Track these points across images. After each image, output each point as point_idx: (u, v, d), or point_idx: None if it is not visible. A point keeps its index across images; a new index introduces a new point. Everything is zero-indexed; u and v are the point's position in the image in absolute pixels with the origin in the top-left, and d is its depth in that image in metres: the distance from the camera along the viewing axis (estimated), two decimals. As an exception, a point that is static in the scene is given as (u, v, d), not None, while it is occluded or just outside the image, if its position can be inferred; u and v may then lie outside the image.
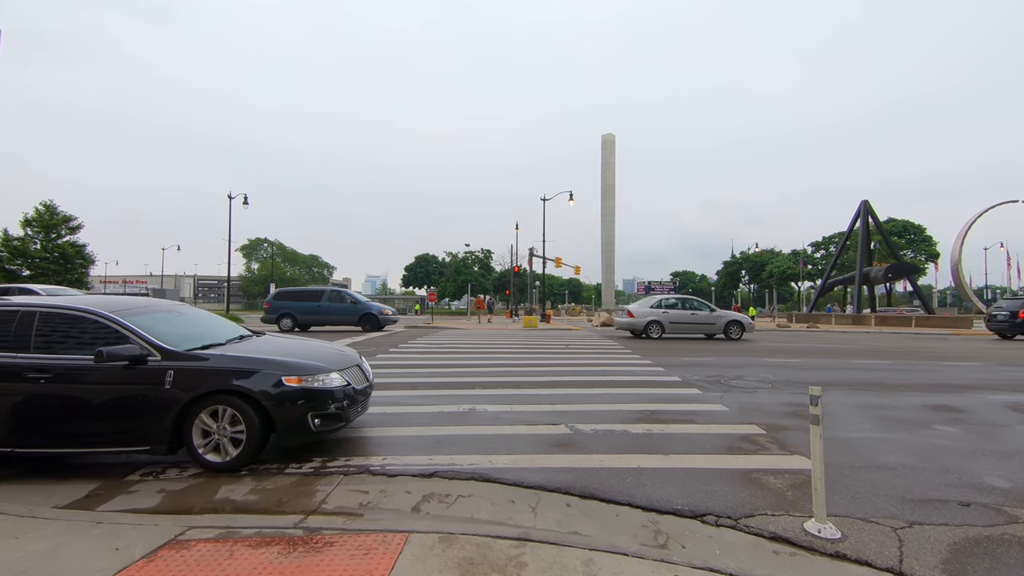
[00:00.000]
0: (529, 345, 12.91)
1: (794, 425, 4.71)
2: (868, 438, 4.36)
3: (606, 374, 7.72)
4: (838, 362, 9.52)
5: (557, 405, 5.61)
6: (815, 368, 8.59)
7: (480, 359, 9.65)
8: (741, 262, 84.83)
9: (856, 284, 29.78)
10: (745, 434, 4.44)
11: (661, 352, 11.18)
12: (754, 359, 9.86)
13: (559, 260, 36.48)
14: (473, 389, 6.52)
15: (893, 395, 6.16)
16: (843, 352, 11.83)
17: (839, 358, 10.35)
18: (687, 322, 15.33)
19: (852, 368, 8.60)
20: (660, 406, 5.52)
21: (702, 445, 4.15)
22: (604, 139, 71.44)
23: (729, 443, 4.20)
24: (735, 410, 5.33)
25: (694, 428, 4.66)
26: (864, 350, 12.43)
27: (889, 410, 5.39)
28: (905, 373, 8.07)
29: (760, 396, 6.04)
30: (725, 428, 4.64)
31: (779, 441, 4.23)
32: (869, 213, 29.69)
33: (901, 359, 10.25)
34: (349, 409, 3.95)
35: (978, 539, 2.64)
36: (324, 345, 4.73)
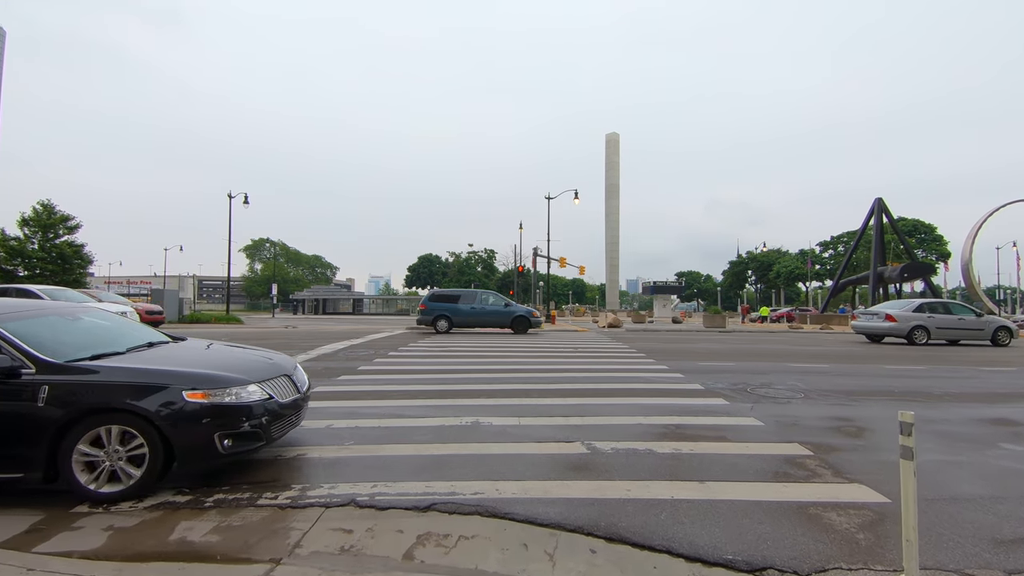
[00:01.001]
0: (535, 348, 12.37)
1: (843, 444, 4.15)
2: (931, 461, 3.79)
3: (620, 381, 7.16)
4: (869, 368, 8.91)
5: (570, 418, 5.07)
6: (847, 375, 7.99)
7: (484, 364, 9.11)
8: (747, 262, 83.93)
9: (871, 284, 29.03)
10: (789, 455, 3.88)
11: (675, 356, 10.60)
12: (777, 364, 9.26)
13: (563, 260, 35.91)
14: (477, 399, 5.99)
15: (942, 407, 5.57)
16: (871, 357, 11.22)
17: (868, 363, 9.75)
18: (954, 327, 14.36)
19: (886, 375, 8.00)
20: (685, 419, 4.96)
21: (742, 469, 3.60)
22: (608, 138, 70.96)
23: (773, 467, 3.64)
24: (771, 425, 4.76)
25: (728, 447, 4.10)
26: (892, 355, 11.80)
27: (943, 424, 4.81)
28: (945, 380, 7.46)
29: (795, 408, 5.47)
30: (764, 447, 4.08)
31: (831, 465, 3.67)
32: (883, 211, 28.94)
33: (936, 364, 9.63)
34: (271, 426, 3.47)
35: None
36: (251, 354, 4.23)
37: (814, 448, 4.04)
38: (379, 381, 7.19)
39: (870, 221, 29.89)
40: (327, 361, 9.50)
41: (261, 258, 77.23)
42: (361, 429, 4.67)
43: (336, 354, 10.72)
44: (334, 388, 6.62)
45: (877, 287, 28.78)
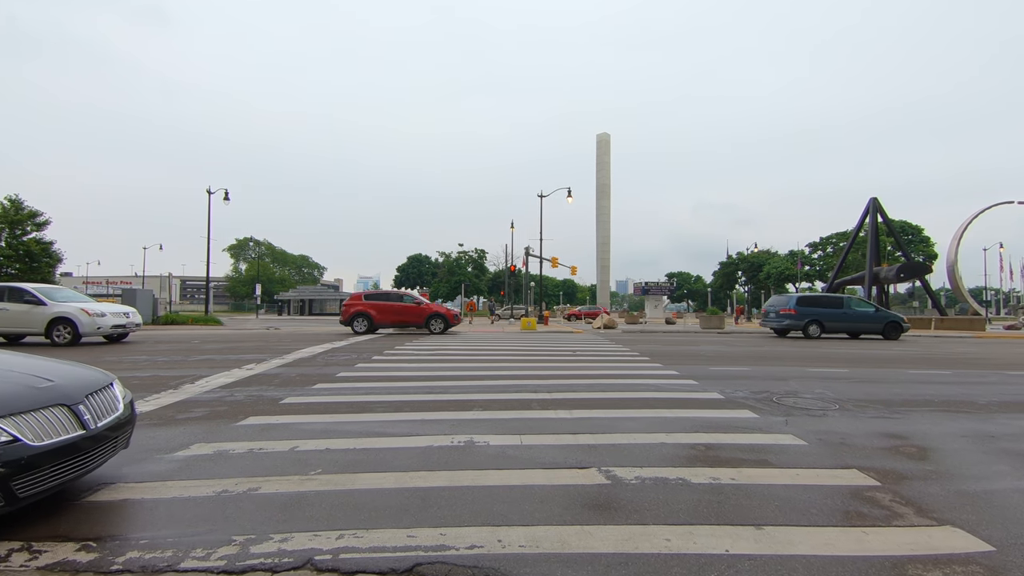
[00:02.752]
0: (531, 351, 11.64)
1: (910, 470, 3.47)
2: (1018, 489, 3.13)
3: (630, 389, 6.46)
4: (891, 372, 8.33)
5: (579, 435, 4.34)
6: (872, 380, 7.38)
7: (477, 369, 8.35)
8: (738, 263, 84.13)
9: (866, 284, 28.80)
10: (853, 486, 3.19)
11: (681, 360, 9.94)
12: (793, 369, 8.64)
13: (555, 260, 35.30)
14: (471, 411, 5.24)
15: (993, 418, 4.95)
16: (886, 360, 10.68)
17: (888, 367, 9.18)
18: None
19: (915, 381, 7.40)
20: (714, 437, 4.26)
21: (803, 507, 2.89)
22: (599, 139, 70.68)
23: (839, 503, 2.94)
24: (815, 444, 4.08)
25: (776, 475, 3.40)
26: (908, 357, 11.30)
27: (1006, 441, 4.17)
28: (980, 387, 6.89)
29: (835, 422, 4.80)
30: (819, 475, 3.39)
31: (907, 499, 2.98)
32: (878, 211, 28.76)
33: (959, 367, 9.10)
34: (13, 482, 2.39)
35: None
36: (51, 370, 3.08)
37: (879, 476, 3.36)
38: (359, 391, 6.39)
39: (865, 221, 29.71)
40: (304, 367, 8.67)
41: (246, 258, 75.40)
42: (332, 452, 3.89)
43: (315, 359, 9.88)
44: (307, 399, 5.81)
45: (872, 288, 28.59)
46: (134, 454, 3.82)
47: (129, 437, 3.29)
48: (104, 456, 2.96)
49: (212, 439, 4.26)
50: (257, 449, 3.96)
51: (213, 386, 6.66)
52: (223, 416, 5.03)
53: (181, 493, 3.08)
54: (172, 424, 4.73)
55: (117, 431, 3.03)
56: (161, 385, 6.74)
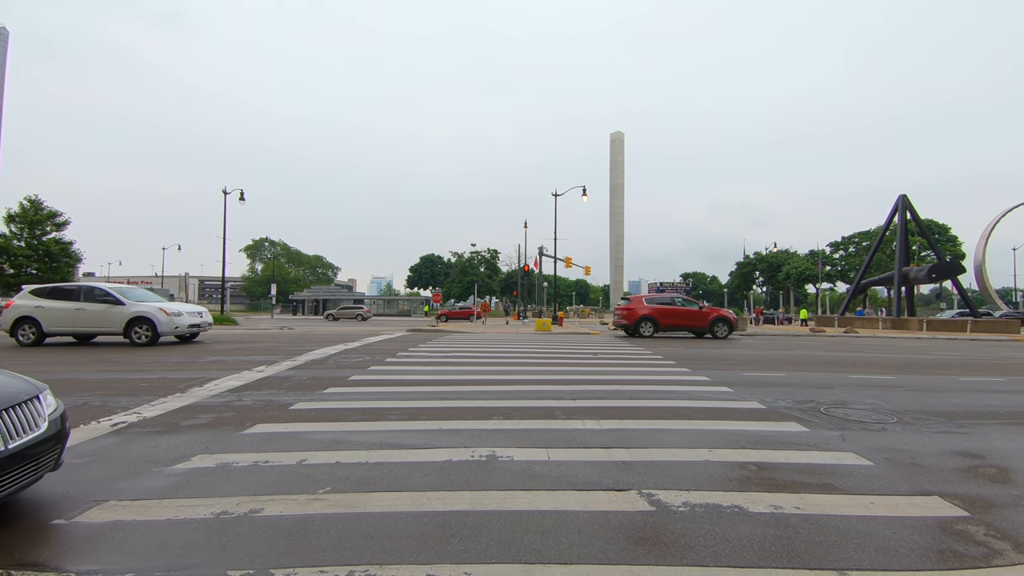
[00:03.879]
0: (549, 353, 11.24)
1: (996, 496, 3.00)
2: None
3: (660, 397, 6.02)
4: (942, 380, 7.73)
5: (612, 450, 3.94)
6: (924, 389, 6.81)
7: (494, 373, 7.99)
8: (755, 263, 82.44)
9: (896, 285, 27.72)
10: (939, 518, 2.74)
11: (709, 364, 9.45)
12: (834, 375, 8.09)
13: (569, 260, 34.82)
14: (491, 419, 4.87)
15: (1077, 435, 4.41)
16: (932, 365, 10.05)
17: (934, 373, 8.57)
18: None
19: (970, 389, 6.83)
20: (764, 455, 3.82)
21: (888, 545, 2.46)
22: (613, 137, 69.91)
23: (929, 540, 2.50)
24: (882, 464, 3.62)
25: (847, 503, 2.96)
26: (954, 362, 10.63)
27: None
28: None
29: (897, 438, 4.32)
30: (897, 504, 2.94)
31: (1003, 532, 2.53)
32: (908, 208, 27.64)
33: (1012, 374, 8.45)
34: None
35: None
36: None
37: (965, 504, 2.90)
38: (372, 395, 6.08)
39: (893, 219, 28.59)
40: (315, 369, 8.40)
41: (262, 258, 76.26)
42: (343, 467, 3.56)
43: (327, 360, 9.63)
44: (317, 405, 5.51)
45: (901, 288, 27.49)
46: (133, 466, 3.54)
47: (59, 457, 2.89)
48: (21, 479, 2.58)
49: (216, 449, 3.97)
50: (263, 462, 3.65)
51: (221, 389, 6.41)
52: (229, 423, 4.75)
53: (177, 514, 2.77)
54: (175, 432, 4.46)
55: (38, 450, 2.65)
56: (168, 388, 6.52)
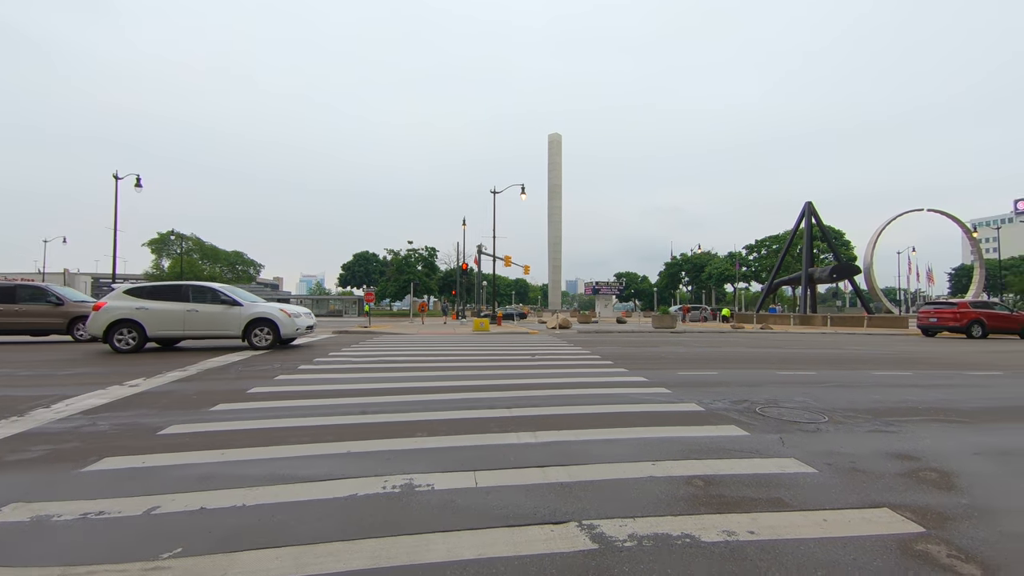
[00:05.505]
0: (486, 355, 10.69)
1: (945, 506, 2.87)
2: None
3: (599, 401, 5.67)
4: (858, 375, 8.12)
5: (549, 468, 3.46)
6: (845, 385, 7.06)
7: (425, 380, 7.29)
8: (681, 264, 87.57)
9: (803, 284, 30.33)
10: (897, 536, 2.51)
11: (645, 364, 9.37)
12: (763, 372, 8.26)
13: (508, 259, 34.59)
14: (414, 437, 4.22)
15: (993, 430, 4.57)
16: (845, 360, 10.68)
17: (849, 368, 9.05)
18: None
19: (889, 384, 7.15)
20: (709, 465, 3.52)
21: None
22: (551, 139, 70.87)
23: (894, 566, 2.24)
24: (825, 472, 3.43)
25: (800, 522, 2.67)
26: (864, 356, 11.41)
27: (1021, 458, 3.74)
28: (952, 389, 6.71)
29: (833, 439, 4.23)
30: (850, 520, 2.70)
31: (965, 551, 2.33)
32: (813, 214, 30.35)
33: (918, 368, 9.11)
34: None
35: None
36: None
37: (917, 517, 2.72)
38: (273, 412, 5.17)
39: (801, 224, 31.27)
40: (209, 380, 7.21)
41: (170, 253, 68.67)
42: (208, 515, 2.76)
43: (228, 369, 8.38)
44: (197, 427, 4.54)
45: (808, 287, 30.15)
46: None
47: None
48: None
49: (38, 496, 2.99)
50: (95, 514, 2.75)
51: (75, 410, 5.17)
52: (68, 457, 3.70)
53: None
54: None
55: None
56: (4, 410, 5.17)
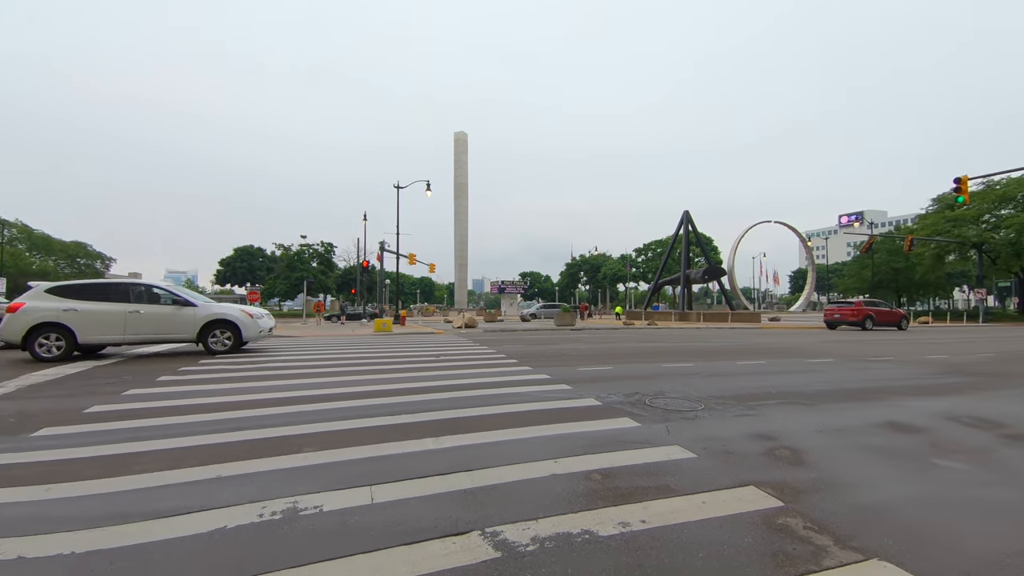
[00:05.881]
0: (386, 357, 10.18)
1: (798, 480, 3.31)
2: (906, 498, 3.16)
3: (504, 401, 5.68)
4: (726, 365, 9.21)
5: (452, 475, 3.34)
6: (716, 374, 7.94)
7: (317, 387, 6.70)
8: (580, 264, 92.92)
9: (682, 285, 33.94)
10: (762, 512, 2.83)
11: (548, 361, 9.66)
12: (653, 366, 8.97)
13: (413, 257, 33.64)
14: (300, 453, 3.81)
15: (829, 409, 5.40)
16: (716, 352, 12.03)
17: (719, 358, 10.23)
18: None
19: (750, 373, 8.20)
20: (606, 459, 3.68)
21: (731, 557, 2.36)
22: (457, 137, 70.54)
23: (761, 542, 2.50)
24: (703, 456, 3.78)
25: (684, 507, 2.89)
26: (730, 348, 12.96)
27: (854, 435, 4.44)
28: (797, 376, 7.88)
29: (709, 425, 4.69)
30: (724, 500, 2.98)
31: (818, 523, 2.69)
32: (689, 222, 34.12)
33: (771, 357, 10.58)
34: None
35: None
36: None
37: (777, 492, 3.10)
38: (116, 435, 4.33)
39: (680, 231, 34.98)
40: (35, 397, 5.87)
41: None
42: (28, 565, 2.18)
43: (64, 382, 6.91)
44: (10, 460, 3.62)
45: (686, 287, 33.87)
46: None
47: None
48: None
49: None
50: None
51: None
52: None
53: None
54: None
55: None
56: None
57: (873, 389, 6.67)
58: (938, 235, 39.61)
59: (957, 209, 38.30)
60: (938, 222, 41.33)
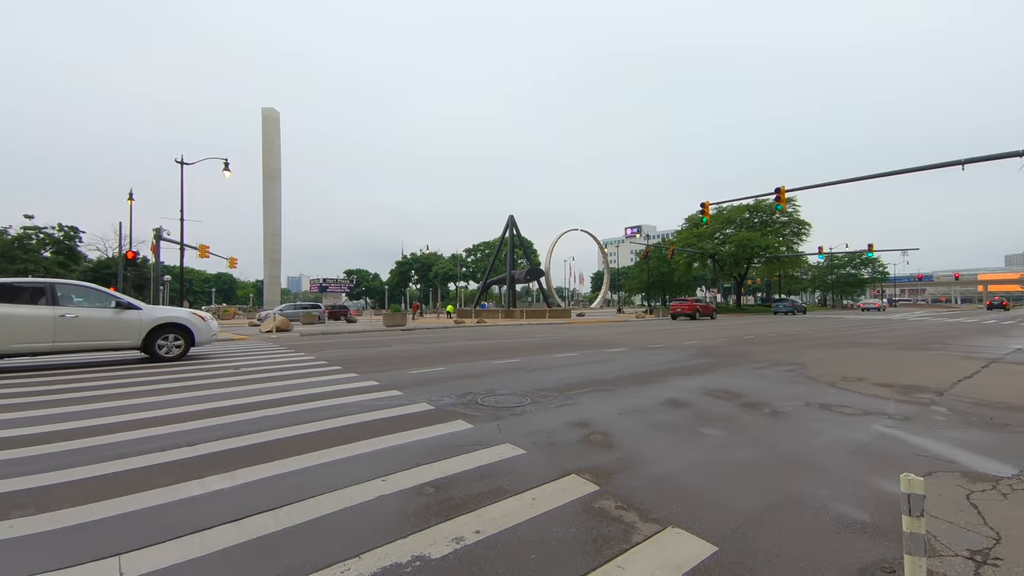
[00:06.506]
0: (169, 379, 8.07)
1: (609, 462, 3.69)
2: (689, 465, 3.78)
3: (327, 416, 4.99)
4: (547, 358, 10.00)
5: (249, 519, 2.72)
6: (538, 368, 8.55)
7: (53, 420, 4.85)
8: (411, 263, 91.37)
9: (507, 284, 36.25)
10: (582, 498, 3.03)
11: (377, 366, 9.03)
12: (483, 364, 9.15)
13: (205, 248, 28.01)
14: (18, 518, 2.61)
15: (626, 393, 6.27)
16: (538, 346, 12.98)
17: (541, 353, 11.07)
18: None
19: (563, 365, 9.04)
20: (440, 468, 3.51)
21: (559, 552, 2.43)
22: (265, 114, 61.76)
23: (582, 529, 2.67)
24: (532, 450, 3.94)
25: (516, 508, 2.91)
26: (549, 342, 14.13)
27: (645, 415, 5.19)
28: (603, 365, 9.00)
29: (533, 418, 4.94)
30: (551, 494, 3.11)
31: (626, 500, 3.01)
32: (514, 226, 36.72)
33: (581, 350, 11.90)
34: None
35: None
36: None
37: (593, 476, 3.38)
38: None
39: (506, 234, 37.38)
40: None
41: None
42: None
43: None
44: None
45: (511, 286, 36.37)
46: None
47: None
48: None
49: None
50: None
51: None
52: None
53: None
54: None
55: None
56: None
57: (655, 372, 8.10)
58: (688, 247, 51.27)
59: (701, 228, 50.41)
60: (688, 237, 53.66)
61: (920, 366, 8.95)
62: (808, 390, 6.51)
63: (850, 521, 2.72)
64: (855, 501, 2.98)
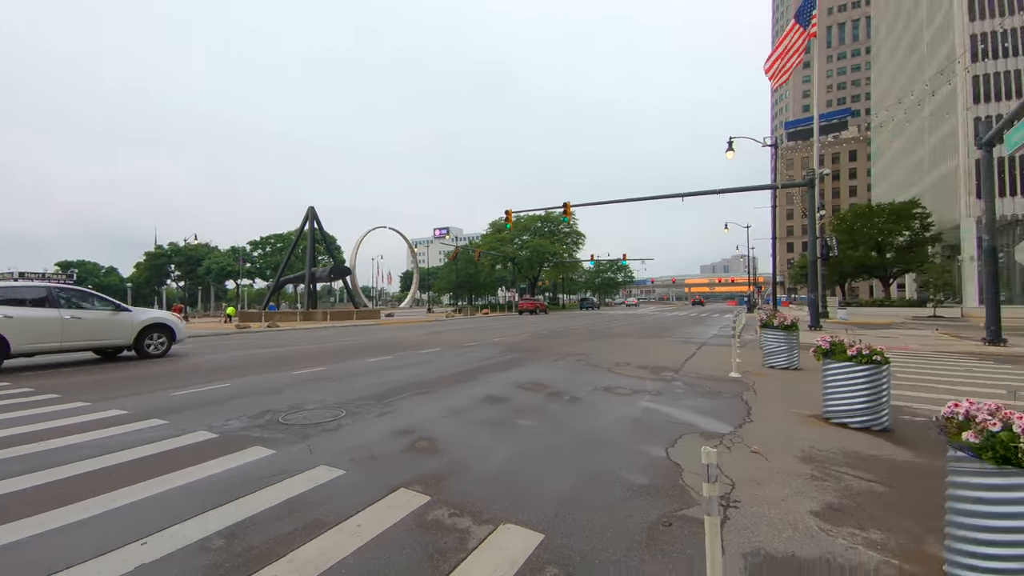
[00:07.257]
0: None
1: (438, 470, 3.59)
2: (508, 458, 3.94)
3: (39, 467, 3.47)
4: (359, 364, 9.23)
5: None
6: (351, 375, 7.81)
7: None
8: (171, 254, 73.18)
9: (307, 282, 32.42)
10: (414, 513, 2.86)
11: (119, 389, 6.86)
12: (281, 375, 7.85)
13: None
14: None
15: (446, 394, 6.26)
16: (347, 351, 11.92)
17: (352, 358, 10.17)
18: None
19: (379, 369, 8.49)
20: (230, 512, 2.83)
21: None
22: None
23: (415, 546, 2.51)
24: (350, 468, 3.54)
25: (340, 541, 2.55)
26: (360, 346, 13.09)
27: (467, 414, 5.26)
28: (420, 367, 8.77)
29: (350, 432, 4.47)
30: (378, 516, 2.84)
31: (458, 506, 2.97)
32: (315, 218, 33.17)
33: (397, 352, 11.39)
34: None
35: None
36: None
37: (423, 487, 3.24)
38: None
39: (305, 227, 33.47)
40: None
41: None
42: None
43: None
44: None
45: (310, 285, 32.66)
46: None
47: None
48: None
49: None
50: None
51: None
52: None
53: None
54: None
55: None
56: None
57: (471, 370, 8.37)
58: (492, 250, 55.33)
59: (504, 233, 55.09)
60: (492, 241, 58.00)
61: (661, 351, 11.60)
62: (594, 377, 7.70)
63: (637, 487, 3.26)
64: (636, 468, 3.60)
